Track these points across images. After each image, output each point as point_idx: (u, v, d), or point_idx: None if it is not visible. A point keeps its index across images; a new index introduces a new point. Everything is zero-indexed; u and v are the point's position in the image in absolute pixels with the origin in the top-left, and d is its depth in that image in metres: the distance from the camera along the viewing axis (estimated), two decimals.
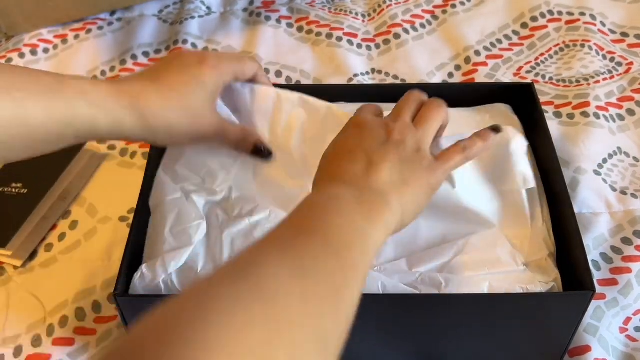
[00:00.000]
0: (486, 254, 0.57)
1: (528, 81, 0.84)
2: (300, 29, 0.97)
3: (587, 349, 0.62)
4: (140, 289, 0.56)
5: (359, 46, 0.94)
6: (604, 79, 0.86)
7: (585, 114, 0.81)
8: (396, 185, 0.48)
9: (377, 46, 0.94)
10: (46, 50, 0.95)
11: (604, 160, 0.77)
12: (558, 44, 0.92)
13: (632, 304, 0.65)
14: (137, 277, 0.56)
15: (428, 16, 0.98)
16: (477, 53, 0.92)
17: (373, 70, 0.91)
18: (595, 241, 0.70)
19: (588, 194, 0.73)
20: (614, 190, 0.74)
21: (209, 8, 1.01)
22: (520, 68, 0.90)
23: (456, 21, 0.96)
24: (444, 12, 0.98)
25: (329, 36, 0.95)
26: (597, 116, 0.81)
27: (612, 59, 0.89)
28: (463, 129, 0.67)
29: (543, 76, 0.88)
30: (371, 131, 0.51)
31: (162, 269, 0.56)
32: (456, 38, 0.94)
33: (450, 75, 0.89)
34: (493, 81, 0.87)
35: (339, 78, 0.89)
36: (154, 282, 0.56)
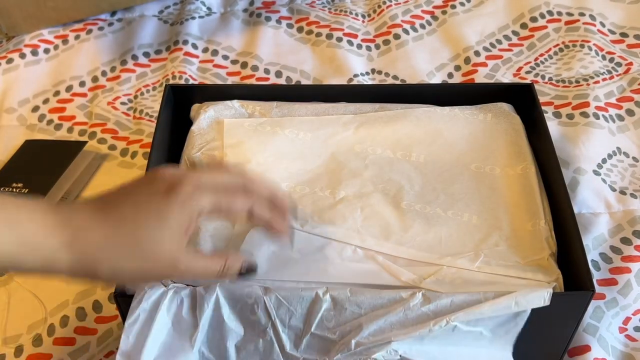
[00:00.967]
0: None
1: (528, 81, 0.84)
2: (300, 30, 0.97)
3: (587, 349, 0.62)
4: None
5: (359, 46, 0.94)
6: (604, 79, 0.86)
7: (584, 114, 0.81)
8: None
9: (377, 46, 0.94)
10: (47, 50, 0.95)
11: (604, 160, 0.77)
12: (558, 45, 0.92)
13: (632, 304, 0.65)
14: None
15: (428, 17, 0.98)
16: (477, 53, 0.92)
17: (373, 70, 0.91)
18: (594, 241, 0.70)
19: (587, 194, 0.73)
20: (614, 190, 0.74)
21: (210, 8, 1.01)
22: (519, 68, 0.90)
23: (456, 22, 0.96)
24: (444, 13, 0.98)
25: (329, 36, 0.95)
26: (597, 116, 0.81)
27: (612, 60, 0.89)
28: (465, 128, 0.68)
29: (543, 76, 0.88)
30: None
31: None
32: (456, 38, 0.94)
33: (449, 75, 0.90)
34: (493, 81, 0.88)
35: (339, 78, 0.89)
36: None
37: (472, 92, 0.73)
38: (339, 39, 0.94)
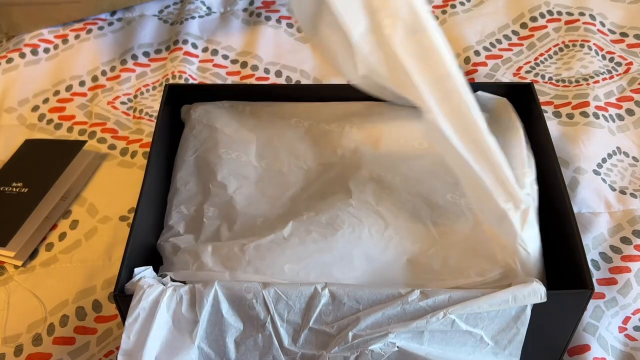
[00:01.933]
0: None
1: (527, 81, 0.84)
2: (300, 29, 0.97)
3: (587, 348, 0.62)
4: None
5: None
6: (604, 79, 0.86)
7: (584, 114, 0.81)
8: None
9: None
10: (47, 50, 0.95)
11: (603, 160, 0.77)
12: (557, 44, 0.92)
13: (632, 303, 0.65)
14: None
15: None
16: (477, 53, 0.92)
17: None
18: (594, 241, 0.70)
19: (587, 194, 0.73)
20: (613, 189, 0.74)
21: (209, 8, 1.01)
22: (519, 68, 0.90)
23: (456, 21, 0.96)
24: (444, 12, 0.98)
25: None
26: (597, 116, 0.81)
27: (612, 59, 0.89)
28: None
29: (542, 76, 0.88)
30: None
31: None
32: (456, 38, 0.94)
33: None
34: (493, 81, 0.88)
35: (339, 78, 0.89)
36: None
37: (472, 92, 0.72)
38: None
